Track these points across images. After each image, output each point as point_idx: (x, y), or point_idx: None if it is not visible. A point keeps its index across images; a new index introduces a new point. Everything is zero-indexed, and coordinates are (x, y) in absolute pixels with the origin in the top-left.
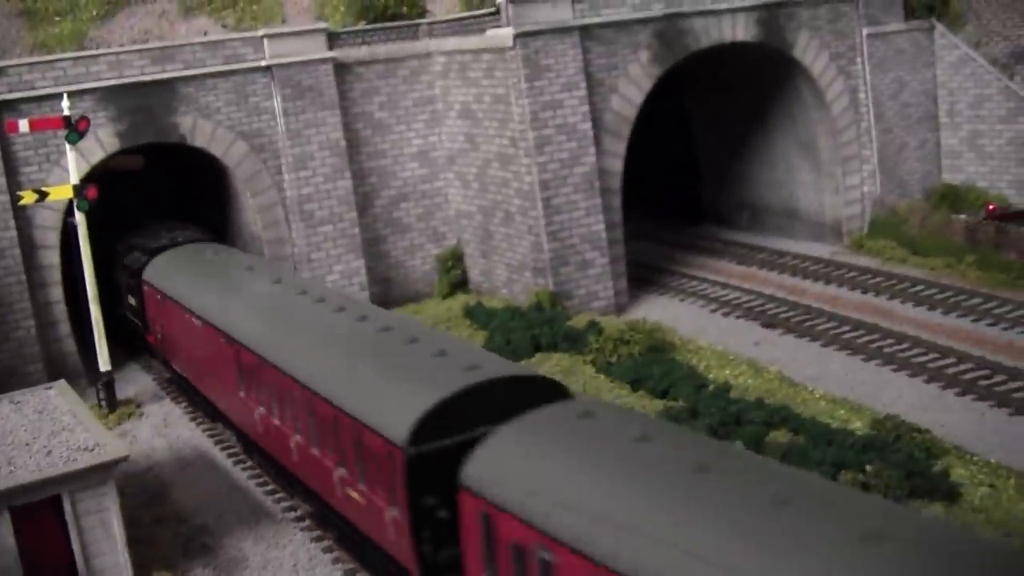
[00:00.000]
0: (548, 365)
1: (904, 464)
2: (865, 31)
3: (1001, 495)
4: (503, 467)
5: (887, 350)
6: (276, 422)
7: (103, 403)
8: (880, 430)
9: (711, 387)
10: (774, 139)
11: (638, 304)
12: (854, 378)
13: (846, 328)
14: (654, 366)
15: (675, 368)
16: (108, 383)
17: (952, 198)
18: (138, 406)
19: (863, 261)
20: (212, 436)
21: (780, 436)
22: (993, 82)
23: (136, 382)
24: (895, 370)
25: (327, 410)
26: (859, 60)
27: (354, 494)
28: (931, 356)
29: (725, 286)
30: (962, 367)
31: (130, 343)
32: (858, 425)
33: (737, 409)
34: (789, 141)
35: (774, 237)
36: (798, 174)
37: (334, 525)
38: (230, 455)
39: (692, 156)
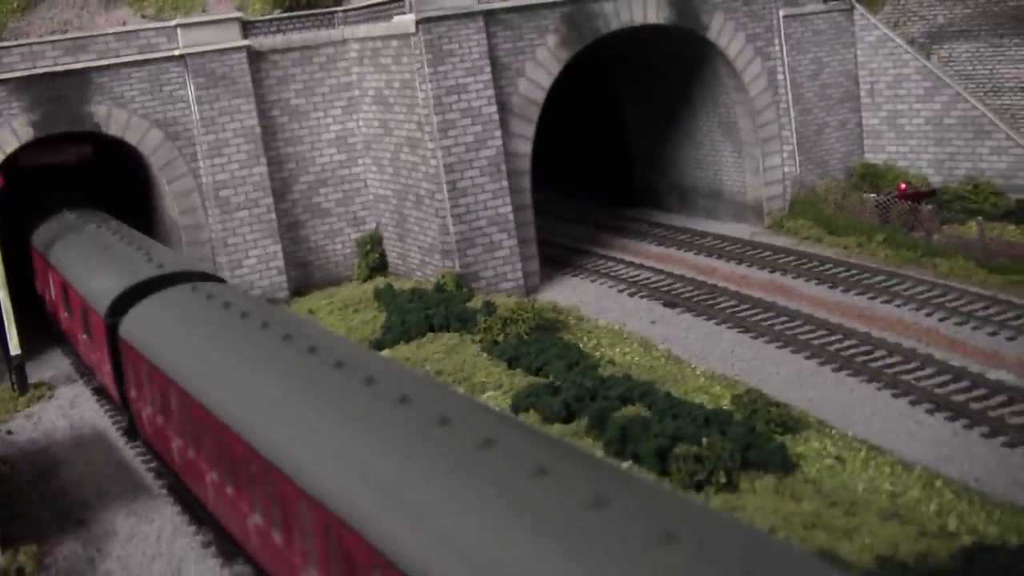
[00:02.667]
0: (436, 344)
1: (743, 437)
2: (782, 12)
3: (845, 468)
4: (143, 327)
5: (777, 327)
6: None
7: (14, 386)
8: (738, 405)
9: (581, 365)
10: (699, 121)
11: (550, 286)
12: (738, 355)
13: (744, 307)
14: (536, 344)
15: (555, 346)
16: (19, 366)
17: (872, 177)
18: (50, 388)
19: (780, 241)
20: (111, 415)
21: (635, 411)
22: (911, 62)
23: (55, 366)
24: (780, 347)
25: (68, 288)
26: (776, 41)
27: (86, 349)
28: (818, 333)
29: (639, 267)
30: (845, 343)
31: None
32: (727, 401)
33: (594, 384)
34: (712, 122)
35: (700, 218)
36: (721, 155)
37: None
38: (123, 435)
39: (625, 140)
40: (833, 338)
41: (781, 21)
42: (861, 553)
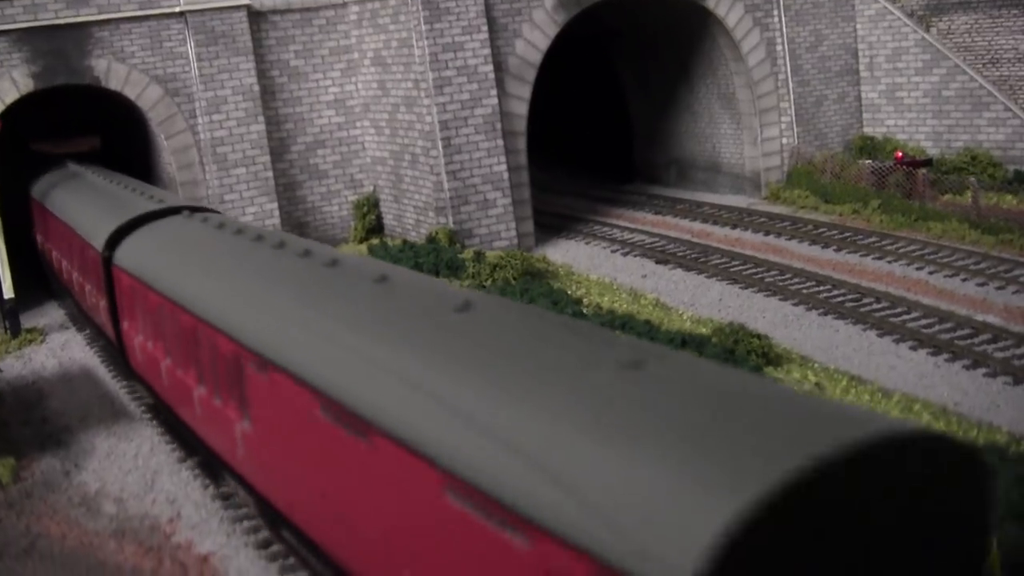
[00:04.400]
0: None
1: (719, 357)
2: None
3: (824, 393)
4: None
5: (767, 280)
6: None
7: (7, 329)
8: (719, 336)
9: (565, 303)
10: (697, 93)
11: (544, 247)
12: (726, 303)
13: (736, 263)
14: (522, 287)
15: (541, 288)
16: (12, 310)
17: (870, 149)
18: (43, 334)
19: (776, 209)
20: (100, 356)
21: None
22: (910, 34)
23: (49, 315)
24: (767, 296)
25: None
26: (775, 13)
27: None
28: (806, 284)
29: (634, 231)
30: (833, 293)
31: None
32: (708, 335)
33: (574, 313)
34: (711, 94)
35: (698, 191)
36: (720, 127)
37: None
38: (111, 371)
39: (624, 115)
40: (821, 288)
41: None
42: None
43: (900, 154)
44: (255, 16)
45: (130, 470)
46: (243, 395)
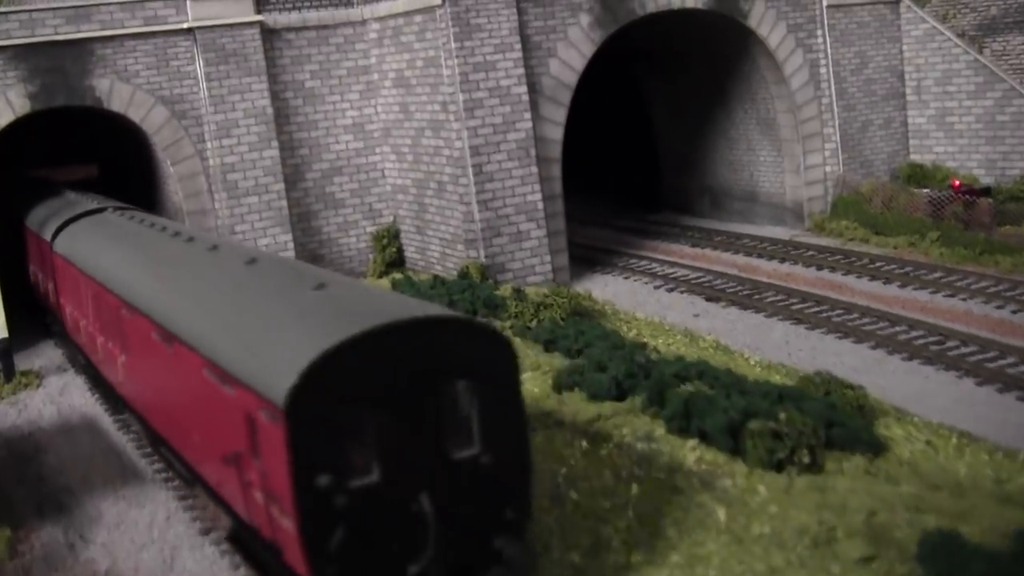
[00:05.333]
0: None
1: (823, 414)
2: (826, 2)
3: (939, 452)
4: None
5: (834, 319)
6: None
7: (1, 372)
8: (807, 386)
9: (628, 348)
10: (734, 118)
11: (580, 281)
12: (794, 345)
13: (794, 300)
14: (573, 328)
15: (595, 329)
16: (5, 351)
17: (919, 178)
18: (39, 377)
19: (824, 242)
20: (102, 403)
21: (692, 388)
22: (961, 56)
23: (46, 356)
24: (839, 337)
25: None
26: (819, 33)
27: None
28: (879, 324)
29: (674, 265)
30: (912, 333)
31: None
32: (793, 384)
33: (647, 361)
34: (749, 119)
35: (735, 222)
36: (758, 154)
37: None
38: (116, 420)
39: (651, 140)
40: (898, 328)
41: (824, 11)
42: (984, 535)
43: (957, 182)
44: (268, 33)
45: (145, 544)
46: (122, 335)
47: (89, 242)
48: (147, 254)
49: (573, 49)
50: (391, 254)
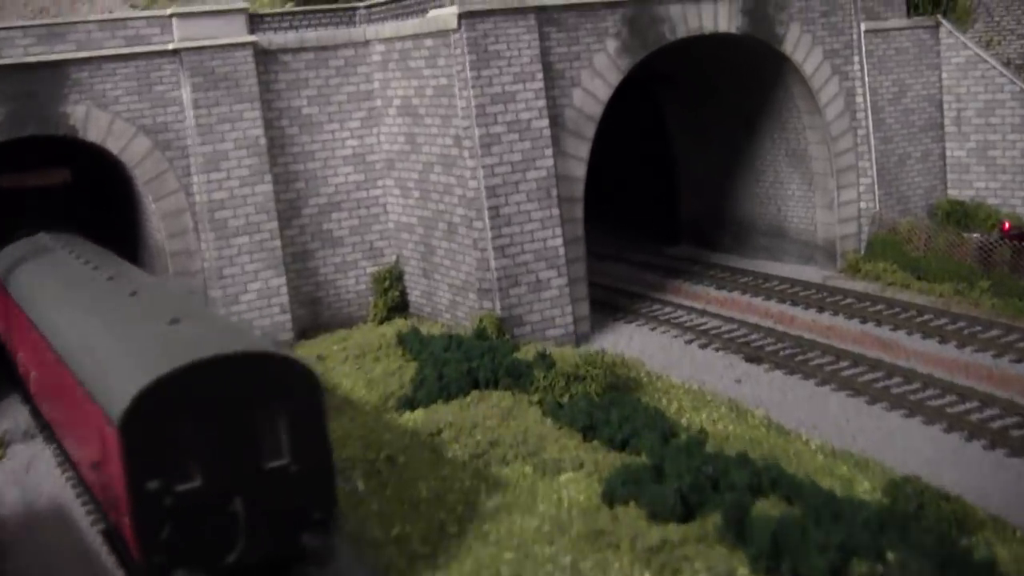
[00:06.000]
0: (485, 405)
1: (935, 549)
2: (863, 26)
3: None
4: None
5: (895, 391)
6: None
7: None
8: (897, 497)
9: (683, 437)
10: (761, 148)
11: (601, 333)
12: (856, 425)
13: (844, 363)
14: (613, 409)
15: (638, 412)
16: None
17: (959, 215)
18: (3, 446)
19: (860, 286)
20: (75, 486)
21: (770, 506)
22: (1006, 86)
23: (12, 418)
24: (906, 415)
25: None
26: (856, 59)
27: None
28: (948, 399)
29: (703, 313)
30: (987, 413)
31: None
32: (866, 487)
33: (714, 468)
34: (778, 150)
35: (760, 259)
36: (787, 187)
37: None
38: (89, 512)
39: (669, 168)
40: (968, 405)
41: (862, 36)
42: None
43: (1007, 224)
44: (262, 55)
45: None
46: (34, 350)
47: (14, 268)
48: (58, 278)
49: (598, 78)
50: (394, 298)
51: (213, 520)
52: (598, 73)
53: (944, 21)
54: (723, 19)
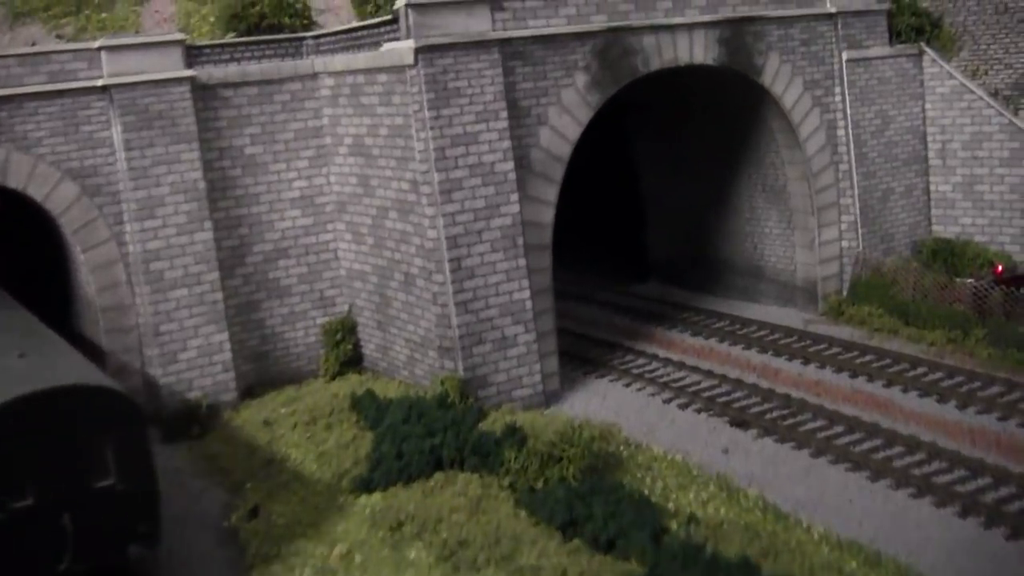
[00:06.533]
0: (450, 492)
1: None
2: (845, 56)
3: None
4: None
5: (898, 463)
6: None
7: None
8: None
9: (676, 527)
10: (737, 183)
11: (572, 390)
12: (860, 507)
13: (839, 428)
14: (595, 498)
15: (623, 502)
16: None
17: (945, 254)
18: None
19: (846, 333)
20: None
21: None
22: (994, 118)
23: None
24: (914, 495)
25: None
26: (838, 90)
27: None
28: (957, 474)
29: (680, 366)
30: (1003, 492)
31: None
32: None
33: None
34: (755, 186)
35: (735, 300)
36: (764, 224)
37: None
38: None
39: (636, 201)
40: (983, 483)
41: (844, 66)
42: None
43: (1000, 267)
44: (201, 91)
45: None
46: None
47: None
48: None
49: (567, 115)
50: (346, 351)
51: (45, 534)
52: (567, 110)
53: (928, 49)
54: (699, 49)
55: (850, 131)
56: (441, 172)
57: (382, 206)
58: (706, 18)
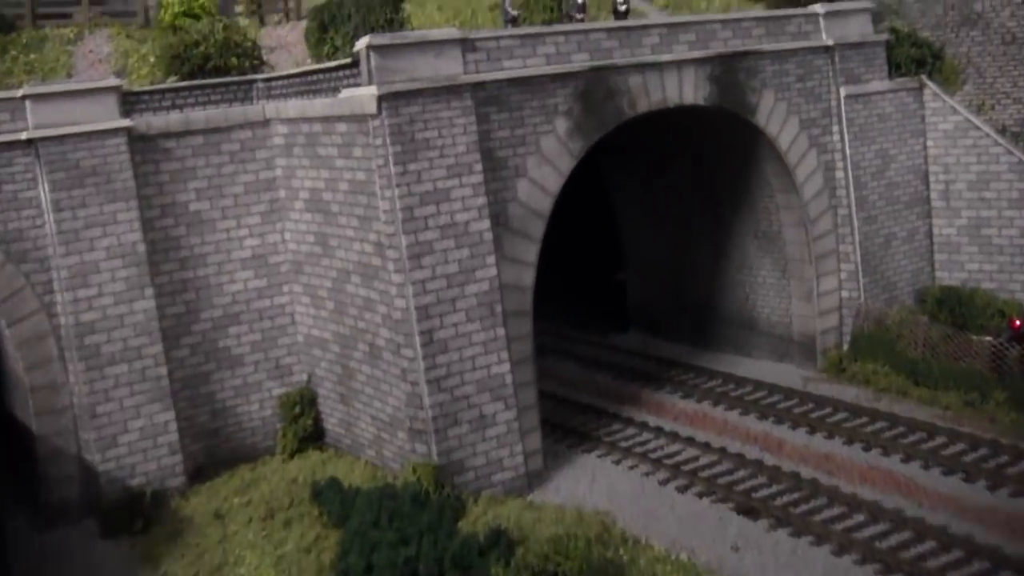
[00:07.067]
0: None
1: None
2: (843, 91)
3: None
4: None
5: (932, 564)
6: None
7: None
8: None
9: None
10: (725, 228)
11: (557, 469)
12: None
13: (860, 518)
14: None
15: None
16: None
17: (952, 304)
18: None
19: (850, 393)
20: None
21: None
22: (1002, 156)
23: None
24: None
25: None
26: (836, 128)
27: None
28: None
29: (673, 437)
30: None
31: None
32: None
33: None
34: (745, 231)
35: (726, 353)
36: (757, 273)
37: None
38: None
39: (614, 242)
40: None
41: (842, 102)
42: None
43: (1017, 321)
44: (139, 143)
45: None
46: None
47: None
48: None
49: (547, 165)
50: (306, 426)
51: None
52: (547, 159)
53: (929, 82)
54: (689, 88)
55: (850, 173)
56: (409, 235)
57: (343, 268)
58: (696, 54)
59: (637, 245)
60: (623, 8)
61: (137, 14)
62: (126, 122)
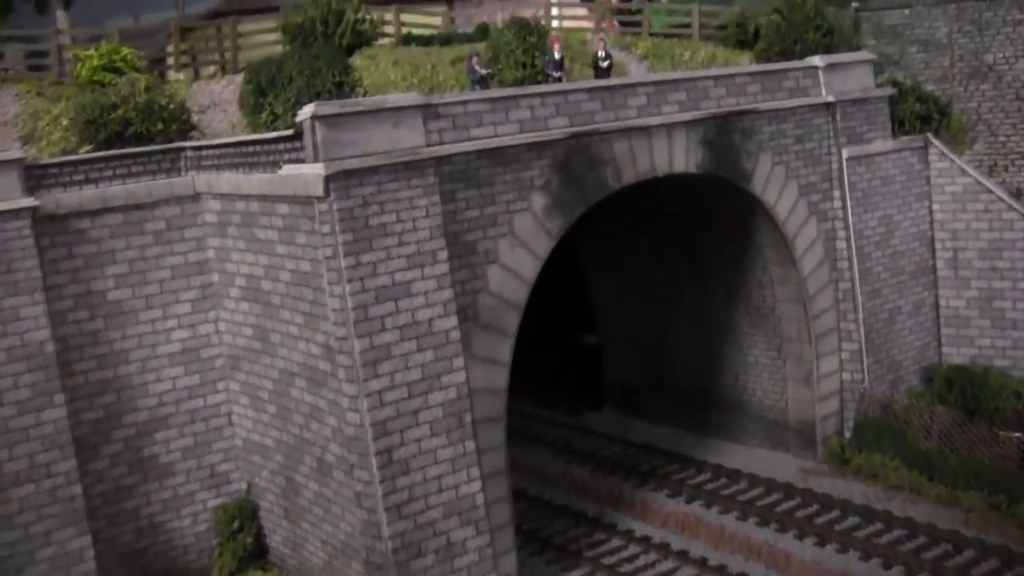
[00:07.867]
0: None
1: None
2: (845, 153)
3: None
4: None
5: None
6: None
7: None
8: None
9: None
10: (712, 301)
11: None
12: None
13: None
14: None
15: None
16: None
17: (963, 384)
18: None
19: (857, 491)
20: None
21: None
22: (1016, 222)
23: None
24: None
25: None
26: (837, 194)
27: None
28: None
29: (664, 550)
30: None
31: None
32: None
33: None
34: (735, 306)
35: (713, 439)
36: (748, 352)
37: None
38: None
39: (587, 310)
40: None
41: (844, 165)
42: None
43: None
44: (47, 224)
45: None
46: None
47: None
48: None
49: (522, 248)
50: (246, 543)
51: None
52: (521, 242)
53: (935, 140)
54: (679, 155)
55: (852, 242)
56: (363, 338)
57: (286, 369)
58: (686, 116)
59: (610, 312)
60: (605, 64)
61: (51, 68)
62: (31, 201)
